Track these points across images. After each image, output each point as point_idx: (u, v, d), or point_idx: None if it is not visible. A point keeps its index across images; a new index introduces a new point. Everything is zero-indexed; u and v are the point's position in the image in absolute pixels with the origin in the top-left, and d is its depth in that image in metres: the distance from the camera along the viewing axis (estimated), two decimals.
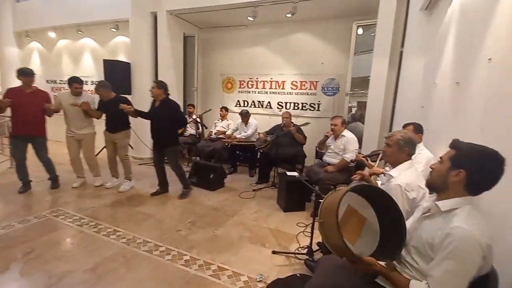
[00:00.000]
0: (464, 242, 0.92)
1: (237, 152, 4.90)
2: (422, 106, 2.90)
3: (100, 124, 3.73)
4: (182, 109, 5.66)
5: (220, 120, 5.21)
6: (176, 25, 5.21)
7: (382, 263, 1.17)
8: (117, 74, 4.88)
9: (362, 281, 1.22)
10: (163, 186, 3.67)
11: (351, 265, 1.18)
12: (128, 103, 3.52)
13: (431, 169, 1.17)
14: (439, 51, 2.45)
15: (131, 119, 3.72)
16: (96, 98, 3.66)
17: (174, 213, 3.07)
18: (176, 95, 5.45)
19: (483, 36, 1.55)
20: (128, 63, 5.18)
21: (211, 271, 2.06)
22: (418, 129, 2.33)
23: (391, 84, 3.87)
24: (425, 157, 2.18)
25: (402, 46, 3.75)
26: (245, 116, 4.80)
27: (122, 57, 5.76)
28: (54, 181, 3.68)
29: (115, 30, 5.64)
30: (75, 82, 3.47)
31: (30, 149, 3.45)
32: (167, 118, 3.32)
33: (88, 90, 6.20)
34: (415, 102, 3.13)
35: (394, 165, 1.71)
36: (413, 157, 2.10)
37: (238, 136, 4.83)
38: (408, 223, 1.24)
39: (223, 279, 1.98)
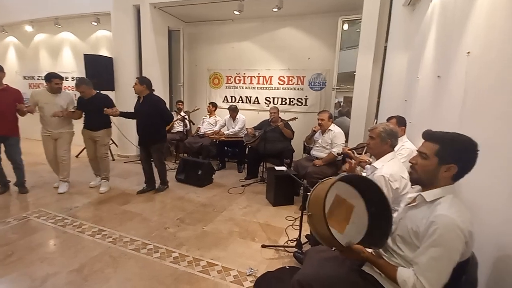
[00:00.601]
0: (448, 230, 0.95)
1: (226, 148, 4.88)
2: (405, 100, 2.98)
3: (79, 123, 3.55)
4: (168, 106, 5.59)
5: (208, 116, 5.15)
6: (160, 19, 5.08)
7: (370, 251, 1.20)
8: (99, 69, 4.71)
9: (349, 270, 1.24)
10: (150, 183, 3.61)
11: (340, 253, 1.20)
12: (110, 101, 3.45)
13: (412, 164, 1.16)
14: (421, 45, 2.51)
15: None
16: (75, 95, 3.52)
17: (162, 211, 3.02)
18: (161, 90, 5.34)
19: (462, 30, 1.60)
20: (111, 58, 5.00)
21: (201, 267, 2.05)
22: (400, 122, 2.39)
23: (376, 78, 3.94)
24: (408, 149, 2.25)
25: (386, 41, 3.82)
26: (234, 111, 4.77)
27: (104, 52, 5.56)
28: (21, 185, 3.39)
29: (96, 24, 5.42)
30: (55, 78, 3.29)
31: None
32: (151, 114, 3.26)
33: (69, 87, 6.01)
34: (398, 96, 3.21)
35: (377, 156, 1.76)
36: (396, 149, 2.16)
37: (226, 132, 4.80)
38: (395, 213, 1.28)
39: (212, 274, 1.98)
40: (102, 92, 3.77)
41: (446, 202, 1.02)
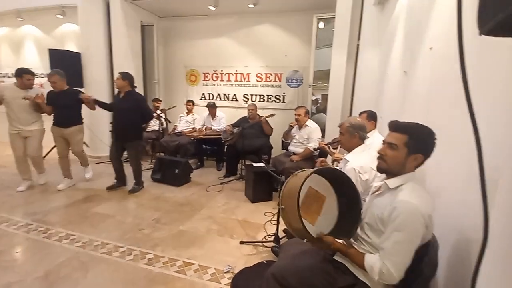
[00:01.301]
0: (409, 214, 1.00)
1: (204, 146, 4.80)
2: (376, 96, 3.09)
3: (49, 120, 3.37)
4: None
5: (186, 114, 5.03)
6: (133, 13, 4.87)
7: (340, 241, 1.23)
8: (65, 65, 4.37)
9: (321, 259, 1.27)
10: (120, 180, 3.52)
11: (311, 245, 1.22)
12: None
13: (380, 154, 1.19)
14: (390, 43, 2.62)
15: (85, 114, 3.45)
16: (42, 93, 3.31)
17: (136, 212, 2.91)
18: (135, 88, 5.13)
19: (426, 27, 1.68)
20: (79, 53, 4.72)
21: (177, 267, 2.00)
22: (371, 116, 2.47)
23: (350, 76, 4.06)
24: (379, 142, 2.33)
25: (359, 39, 3.94)
26: (213, 107, 4.69)
27: (71, 47, 5.22)
28: None
29: (62, 17, 5.09)
30: (26, 73, 3.13)
31: None
32: (131, 110, 3.19)
33: (36, 84, 5.62)
34: (370, 92, 3.33)
35: (350, 150, 1.81)
36: (367, 142, 2.24)
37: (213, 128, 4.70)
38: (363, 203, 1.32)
39: (189, 273, 1.94)
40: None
41: (407, 188, 1.07)
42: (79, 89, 3.62)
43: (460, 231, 1.12)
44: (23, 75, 3.11)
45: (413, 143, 1.09)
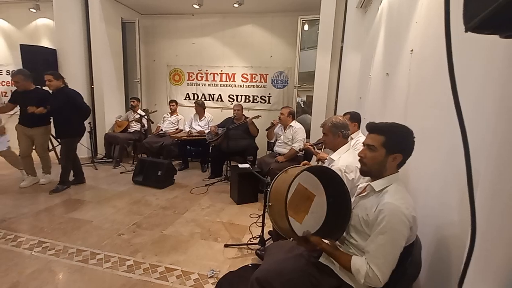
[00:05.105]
0: (393, 217, 1.00)
1: (188, 147, 4.69)
2: (359, 97, 3.14)
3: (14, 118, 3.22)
4: (123, 103, 5.21)
5: (169, 114, 4.89)
6: (112, 9, 4.69)
7: (327, 241, 1.21)
8: (39, 62, 4.17)
9: (306, 262, 1.24)
10: (77, 177, 3.51)
11: (297, 244, 1.20)
12: (47, 97, 3.25)
13: (361, 157, 1.19)
14: (372, 45, 2.66)
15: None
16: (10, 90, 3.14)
17: (115, 217, 2.78)
18: (115, 86, 4.96)
19: (407, 30, 1.71)
20: (54, 49, 4.47)
21: (158, 274, 1.92)
22: (354, 117, 2.49)
23: (334, 77, 4.11)
24: (362, 143, 2.36)
25: (343, 41, 4.01)
26: (201, 107, 4.58)
27: (45, 43, 4.96)
28: None
29: (35, 11, 4.81)
30: None
31: None
32: (61, 107, 3.17)
33: (2, 82, 5.28)
34: (353, 94, 3.38)
35: (334, 149, 1.81)
36: (352, 143, 2.26)
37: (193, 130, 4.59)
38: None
39: (171, 280, 1.86)
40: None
41: (391, 190, 1.07)
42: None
43: (439, 229, 1.13)
44: None
45: (390, 143, 1.10)
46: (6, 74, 5.28)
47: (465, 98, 0.90)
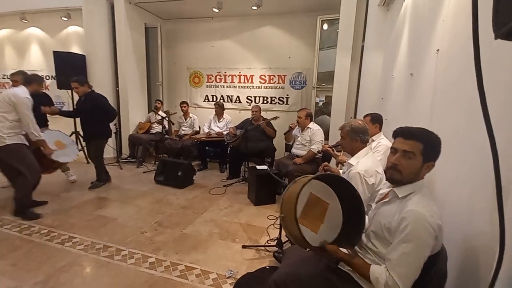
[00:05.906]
0: (417, 225, 0.96)
1: (207, 148, 4.78)
2: (381, 98, 3.04)
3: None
4: (146, 105, 5.41)
5: (183, 118, 5.01)
6: (136, 15, 4.89)
7: (345, 251, 1.19)
8: (70, 67, 4.45)
9: (325, 267, 1.23)
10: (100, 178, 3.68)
11: (315, 254, 1.19)
12: (49, 99, 3.53)
13: (394, 164, 1.09)
14: (395, 44, 2.57)
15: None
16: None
17: (138, 215, 2.90)
18: (139, 90, 5.17)
19: (432, 29, 1.64)
20: (83, 55, 4.75)
21: (178, 272, 1.98)
22: (375, 119, 2.40)
23: (354, 77, 4.01)
24: (384, 146, 2.28)
25: (364, 40, 3.90)
26: (221, 108, 4.67)
27: (75, 49, 5.27)
28: None
29: (67, 19, 5.12)
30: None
31: None
32: (89, 111, 3.36)
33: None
34: (375, 94, 3.28)
35: (352, 153, 1.77)
36: (373, 146, 2.19)
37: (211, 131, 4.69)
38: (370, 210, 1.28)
39: (191, 278, 1.91)
40: None
41: (415, 197, 1.03)
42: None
43: (466, 238, 1.08)
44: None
45: (429, 151, 1.04)
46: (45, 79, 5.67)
47: (493, 101, 0.86)
